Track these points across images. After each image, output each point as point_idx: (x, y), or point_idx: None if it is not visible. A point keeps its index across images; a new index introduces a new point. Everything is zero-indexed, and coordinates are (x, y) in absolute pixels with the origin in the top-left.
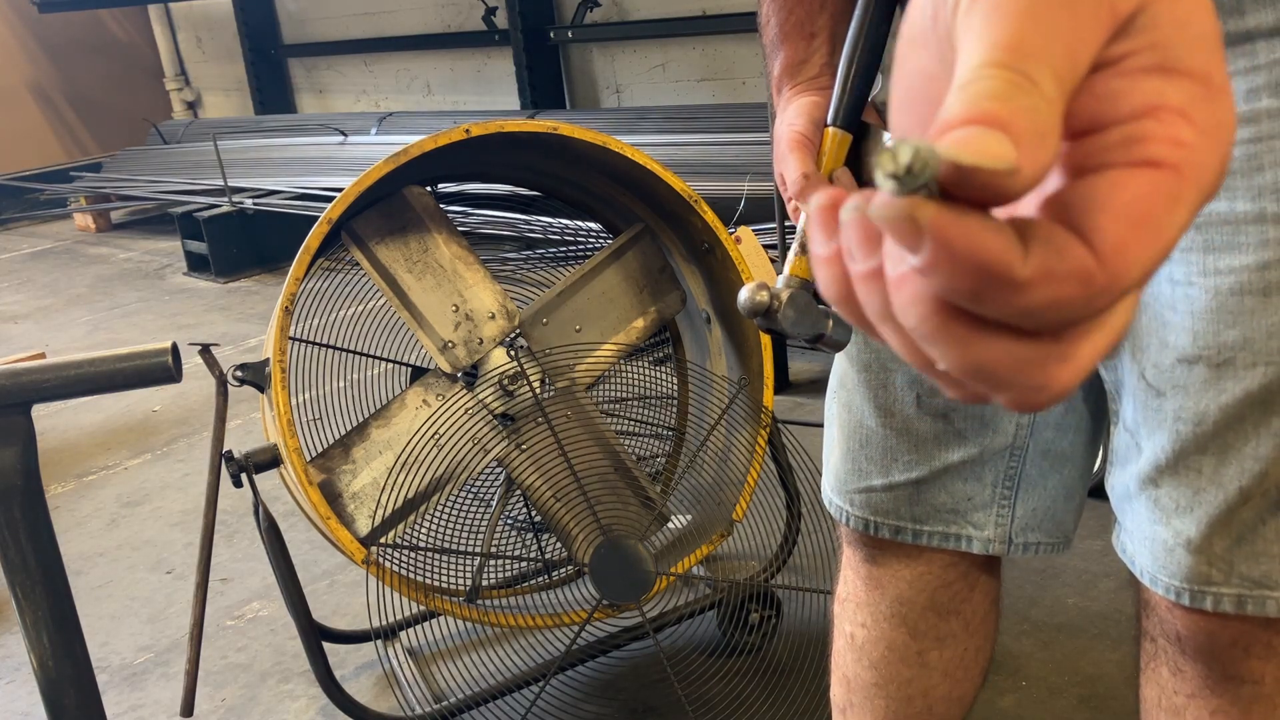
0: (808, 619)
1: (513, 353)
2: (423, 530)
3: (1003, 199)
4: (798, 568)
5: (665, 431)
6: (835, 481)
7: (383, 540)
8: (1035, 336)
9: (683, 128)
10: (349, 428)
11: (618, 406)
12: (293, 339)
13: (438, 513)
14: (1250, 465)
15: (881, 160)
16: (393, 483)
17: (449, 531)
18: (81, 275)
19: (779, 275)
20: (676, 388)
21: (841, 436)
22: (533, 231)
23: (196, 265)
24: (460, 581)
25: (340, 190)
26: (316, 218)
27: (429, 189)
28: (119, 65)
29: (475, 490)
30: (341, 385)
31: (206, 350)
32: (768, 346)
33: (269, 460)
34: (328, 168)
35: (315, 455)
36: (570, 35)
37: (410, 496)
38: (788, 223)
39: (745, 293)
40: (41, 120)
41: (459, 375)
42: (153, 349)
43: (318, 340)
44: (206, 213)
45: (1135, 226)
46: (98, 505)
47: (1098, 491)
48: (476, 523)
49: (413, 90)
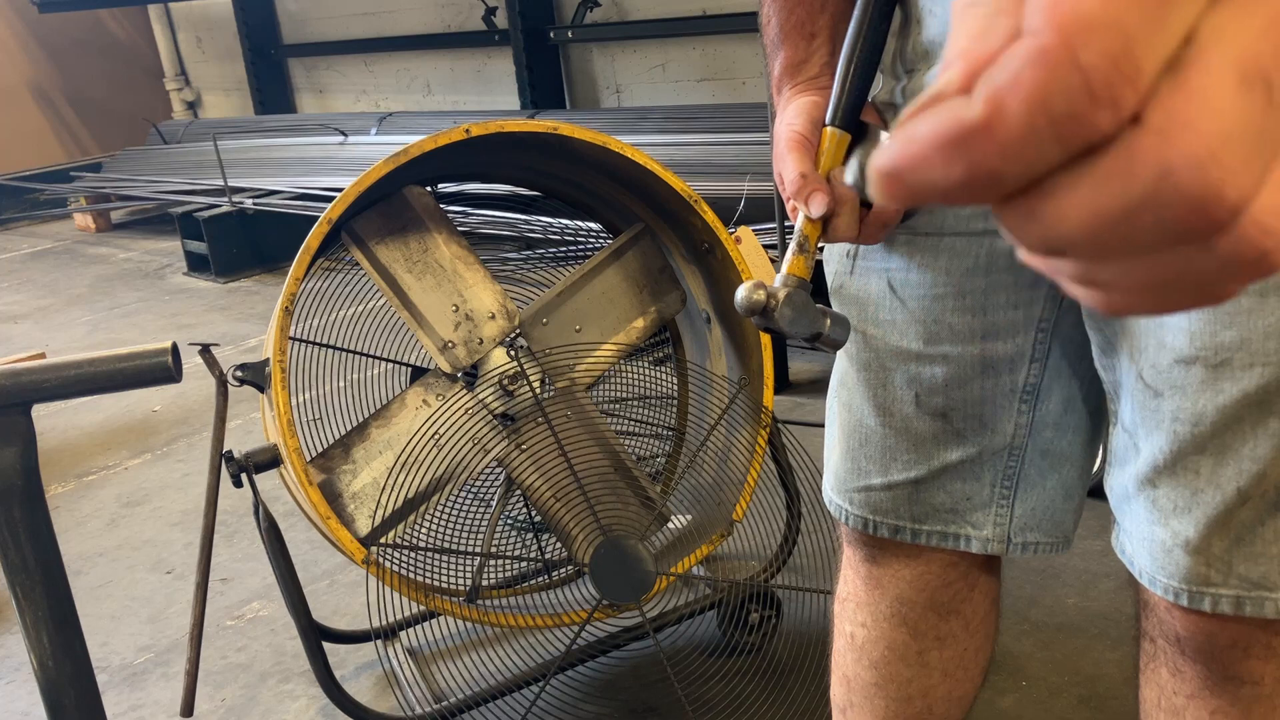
0: (808, 619)
1: (513, 353)
2: (423, 530)
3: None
4: (798, 568)
5: (665, 431)
6: (835, 480)
7: (383, 540)
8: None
9: (683, 128)
10: (349, 428)
11: (618, 406)
12: (293, 339)
13: (438, 513)
14: (1248, 466)
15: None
16: (393, 483)
17: (449, 531)
18: (81, 275)
19: (777, 274)
20: (676, 388)
21: (841, 436)
22: (533, 231)
23: (196, 265)
24: (460, 581)
25: (340, 190)
26: (316, 218)
27: (429, 189)
28: (119, 65)
29: (475, 490)
30: (341, 385)
31: (206, 350)
32: (768, 346)
33: (269, 460)
34: (328, 168)
35: (315, 455)
36: (570, 35)
37: (410, 496)
38: (788, 223)
39: (743, 291)
40: (41, 120)
41: (459, 375)
42: (153, 349)
43: (318, 340)
44: (206, 213)
45: None
46: (98, 505)
47: (1098, 492)
48: (476, 523)
49: (413, 90)
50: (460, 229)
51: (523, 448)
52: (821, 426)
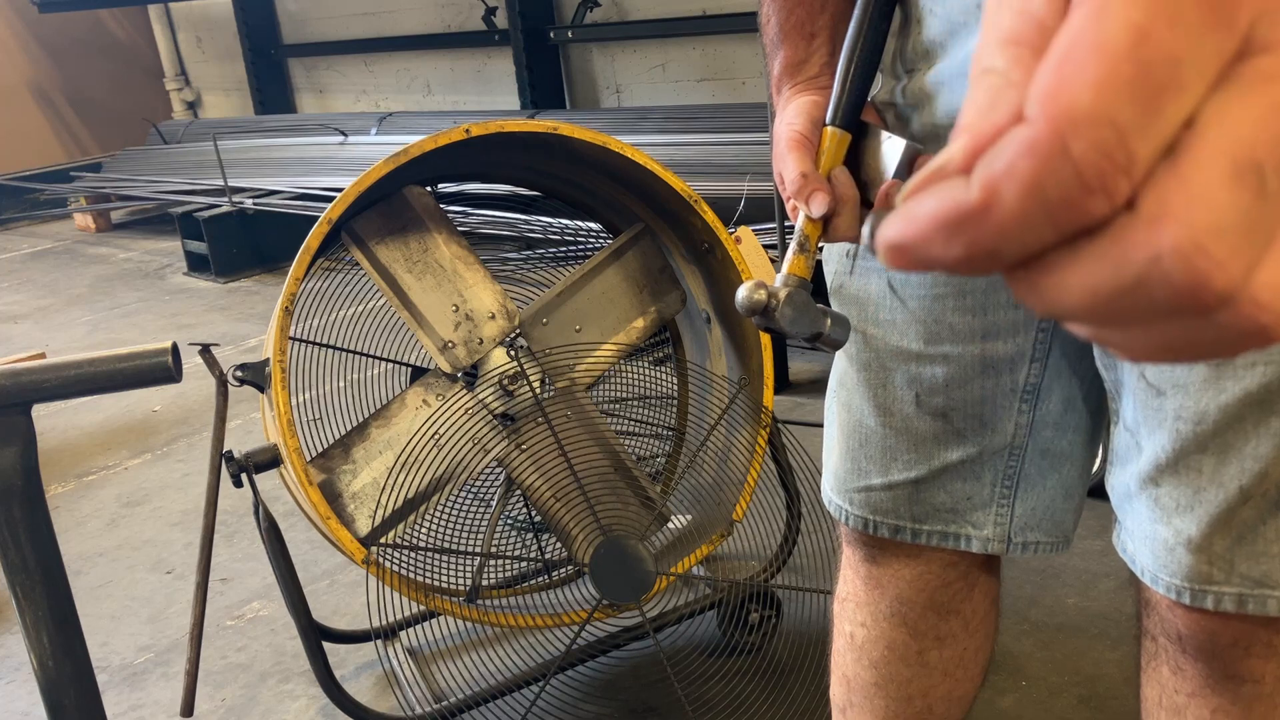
0: (808, 619)
1: (513, 353)
2: (423, 530)
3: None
4: (798, 568)
5: (665, 431)
6: (835, 481)
7: (383, 540)
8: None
9: (683, 128)
10: (349, 428)
11: (618, 406)
12: (293, 339)
13: (438, 513)
14: (1250, 465)
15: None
16: (393, 483)
17: (449, 531)
18: (81, 275)
19: (778, 274)
20: (676, 388)
21: (841, 436)
22: (533, 231)
23: (196, 265)
24: (460, 581)
25: (340, 190)
26: (316, 218)
27: (429, 189)
28: (119, 65)
29: (475, 490)
30: (341, 385)
31: (206, 350)
32: (768, 346)
33: (269, 460)
34: (328, 168)
35: (315, 455)
36: (570, 35)
37: (410, 496)
38: (788, 223)
39: (743, 291)
40: (41, 120)
41: (459, 375)
42: (153, 349)
43: (318, 340)
44: (206, 213)
45: None
46: (98, 505)
47: (1098, 491)
48: (476, 523)
49: (413, 90)
50: (460, 229)
51: (523, 448)
52: (821, 426)
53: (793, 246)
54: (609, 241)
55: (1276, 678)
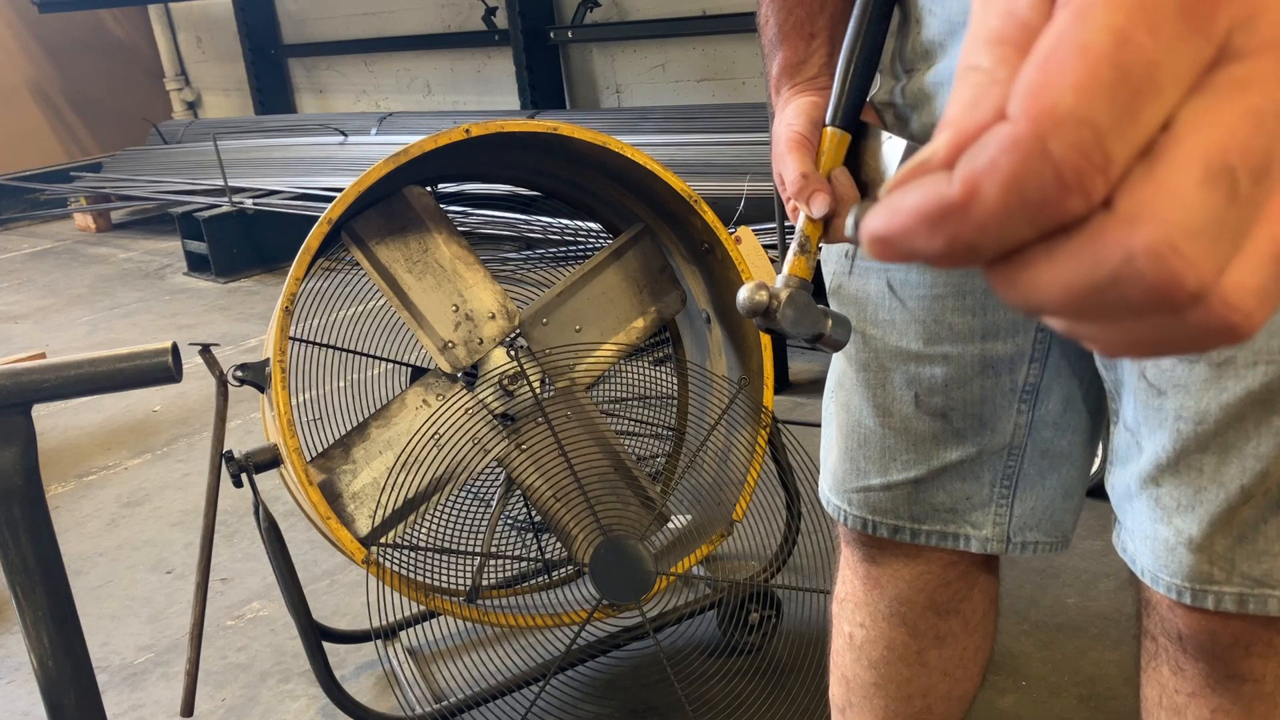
0: (808, 619)
1: (513, 353)
2: (423, 530)
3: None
4: (798, 568)
5: (665, 431)
6: (833, 481)
7: (383, 540)
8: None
9: (683, 128)
10: (349, 428)
11: (618, 406)
12: (293, 339)
13: (438, 513)
14: (1251, 464)
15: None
16: (393, 483)
17: (449, 531)
18: (81, 275)
19: (778, 275)
20: (676, 388)
21: (840, 436)
22: (533, 231)
23: (196, 265)
24: (460, 581)
25: (340, 190)
26: (316, 218)
27: (429, 189)
28: (119, 65)
29: (475, 490)
30: (341, 385)
31: (206, 350)
32: (768, 346)
33: (269, 460)
34: (328, 168)
35: (315, 455)
36: (570, 35)
37: (410, 496)
38: (788, 223)
39: (744, 292)
40: (41, 120)
41: (459, 375)
42: (153, 349)
43: (318, 340)
44: (206, 213)
45: None
46: (98, 505)
47: (1098, 491)
48: (476, 523)
49: (413, 90)
50: (460, 229)
51: (523, 448)
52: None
53: (793, 247)
54: (609, 241)
55: (1277, 677)
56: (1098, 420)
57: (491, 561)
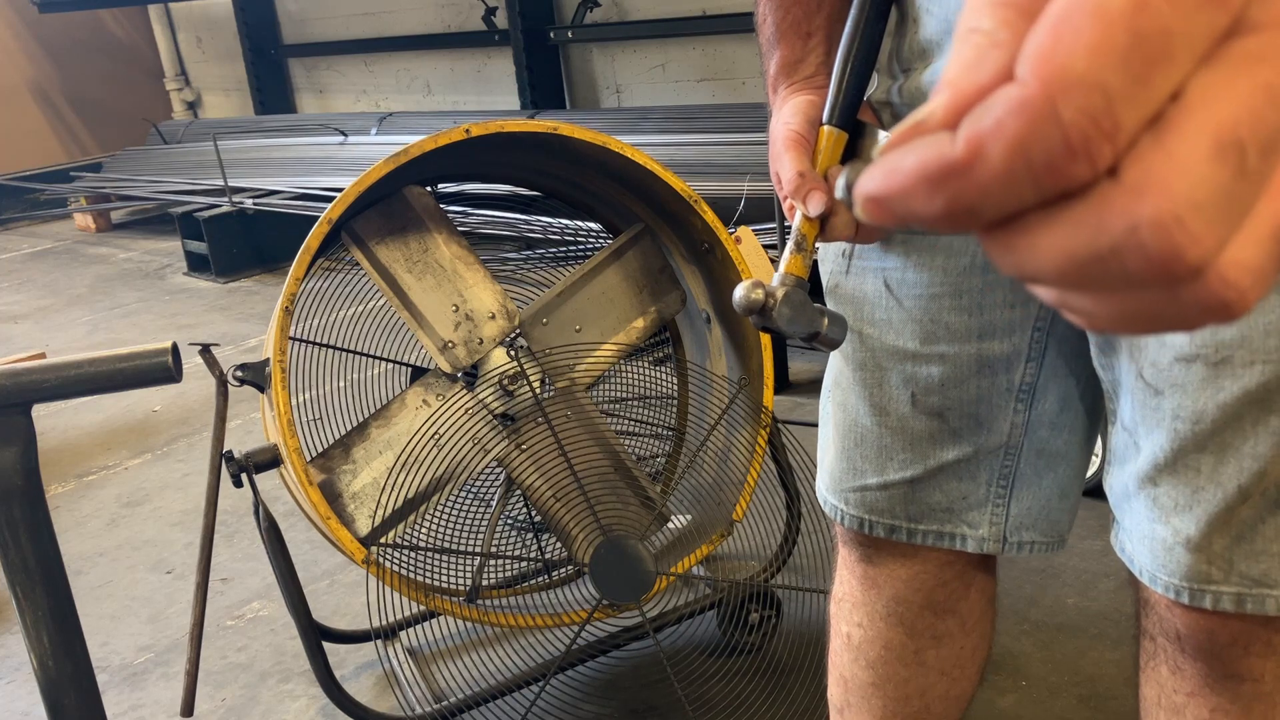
0: (808, 619)
1: (513, 353)
2: (423, 530)
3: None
4: (798, 568)
5: (665, 431)
6: (830, 480)
7: (383, 540)
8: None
9: (683, 128)
10: (349, 428)
11: (618, 406)
12: (293, 339)
13: (438, 513)
14: (1249, 464)
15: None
16: (393, 483)
17: (449, 531)
18: (81, 275)
19: (775, 273)
20: (676, 388)
21: (836, 435)
22: (533, 231)
23: (196, 265)
24: (460, 581)
25: (340, 190)
26: (316, 218)
27: (429, 189)
28: (119, 65)
29: (475, 490)
30: (341, 385)
31: (206, 350)
32: (768, 346)
33: (269, 460)
34: (328, 168)
35: (315, 455)
36: (570, 35)
37: (410, 496)
38: (787, 222)
39: (740, 290)
40: (41, 120)
41: (459, 375)
42: (153, 349)
43: (318, 340)
44: (207, 213)
45: None
46: (98, 505)
47: (1097, 491)
48: (476, 523)
49: (413, 90)
50: (460, 229)
51: (523, 448)
52: None
53: (789, 246)
54: (609, 241)
55: (1275, 676)
56: (1094, 420)
57: (491, 561)
